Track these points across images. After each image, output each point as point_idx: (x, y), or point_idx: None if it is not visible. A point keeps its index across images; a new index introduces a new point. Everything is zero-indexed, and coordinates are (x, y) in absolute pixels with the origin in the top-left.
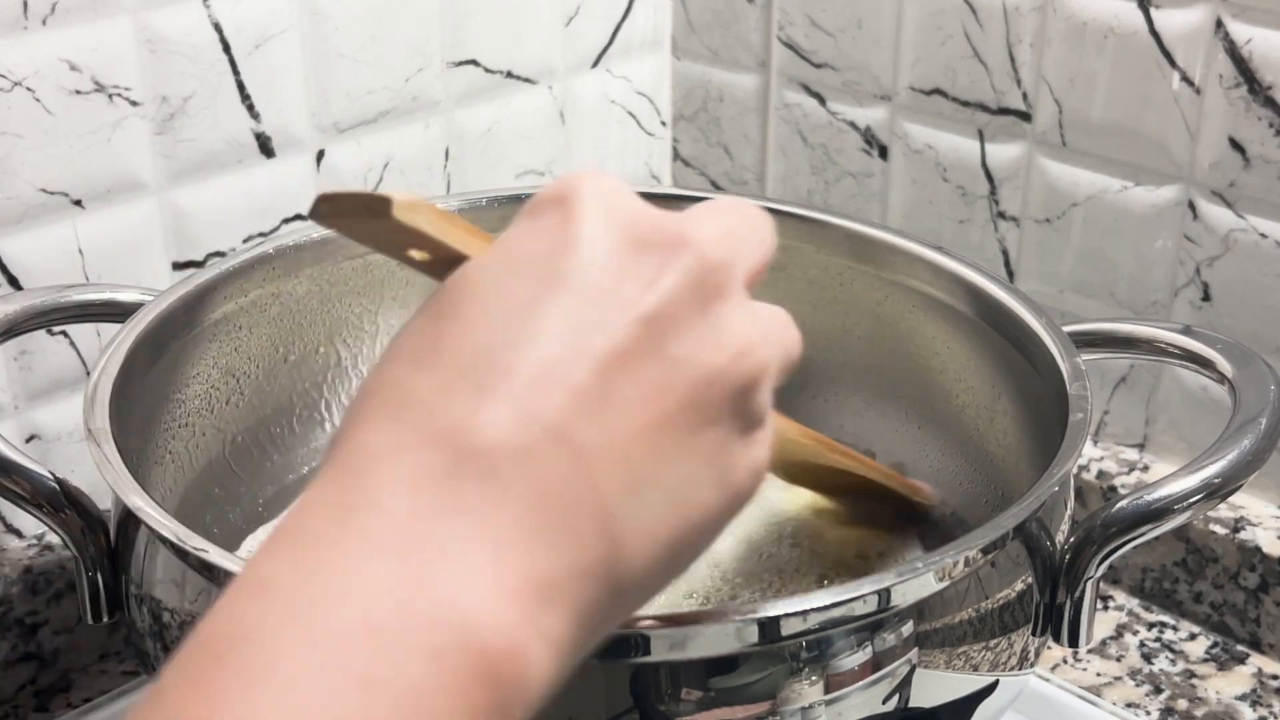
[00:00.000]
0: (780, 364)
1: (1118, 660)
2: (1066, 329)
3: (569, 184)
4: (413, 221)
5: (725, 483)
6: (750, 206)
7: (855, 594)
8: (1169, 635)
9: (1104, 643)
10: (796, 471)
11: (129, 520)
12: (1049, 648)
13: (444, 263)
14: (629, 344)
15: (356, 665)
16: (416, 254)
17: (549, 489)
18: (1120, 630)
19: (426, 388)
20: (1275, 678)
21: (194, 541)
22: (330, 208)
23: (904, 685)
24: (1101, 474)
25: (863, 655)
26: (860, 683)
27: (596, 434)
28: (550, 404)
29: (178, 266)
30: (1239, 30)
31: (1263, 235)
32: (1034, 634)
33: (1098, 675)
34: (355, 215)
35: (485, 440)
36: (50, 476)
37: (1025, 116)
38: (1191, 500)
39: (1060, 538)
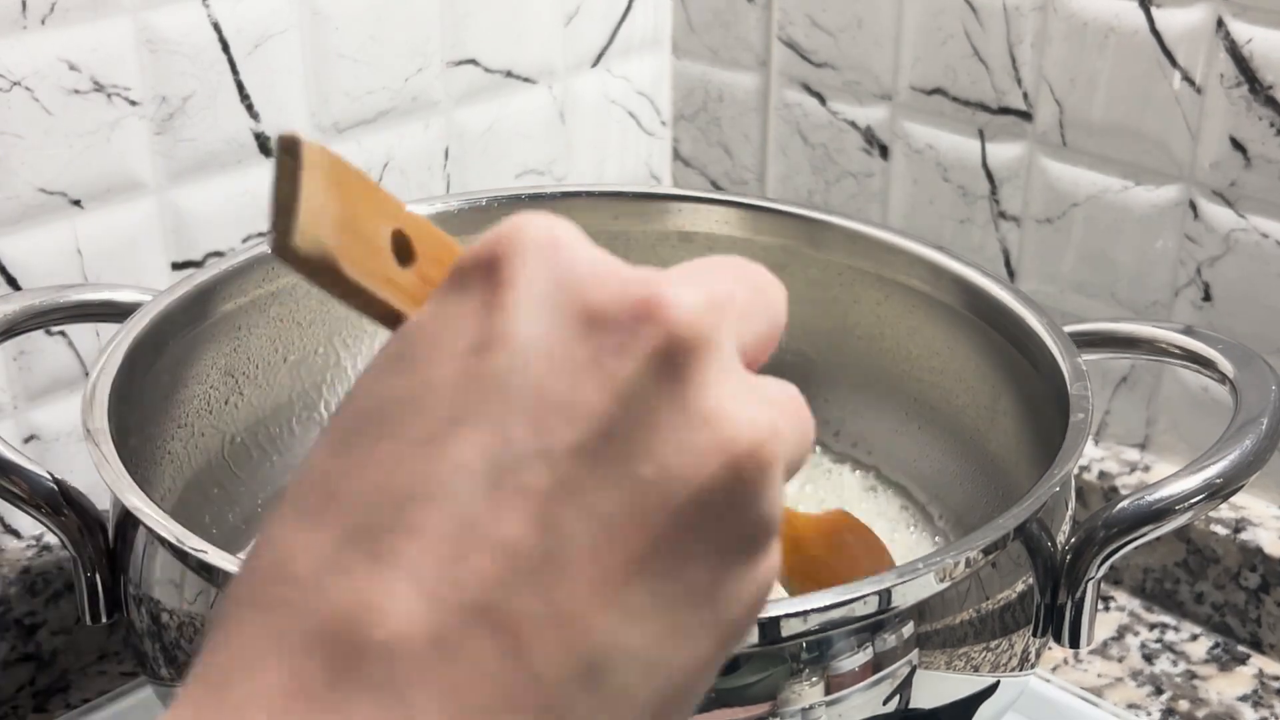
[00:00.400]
0: (793, 457)
1: (1119, 661)
2: (1067, 329)
3: (501, 240)
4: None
5: (719, 624)
6: (755, 267)
7: (856, 595)
8: (1170, 636)
9: (1105, 643)
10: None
11: (127, 521)
12: (1050, 648)
13: (380, 314)
14: (578, 471)
15: None
16: (344, 299)
17: (472, 693)
18: (1121, 631)
19: (310, 558)
20: (1276, 678)
21: (193, 542)
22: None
23: (904, 686)
24: (1103, 474)
25: (863, 656)
26: (861, 684)
27: (536, 603)
28: (471, 572)
29: (177, 266)
30: (1240, 30)
31: (1264, 235)
32: (1035, 635)
33: (1099, 676)
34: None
35: (381, 633)
36: (49, 477)
37: (1026, 116)
38: (1193, 501)
39: (1061, 538)
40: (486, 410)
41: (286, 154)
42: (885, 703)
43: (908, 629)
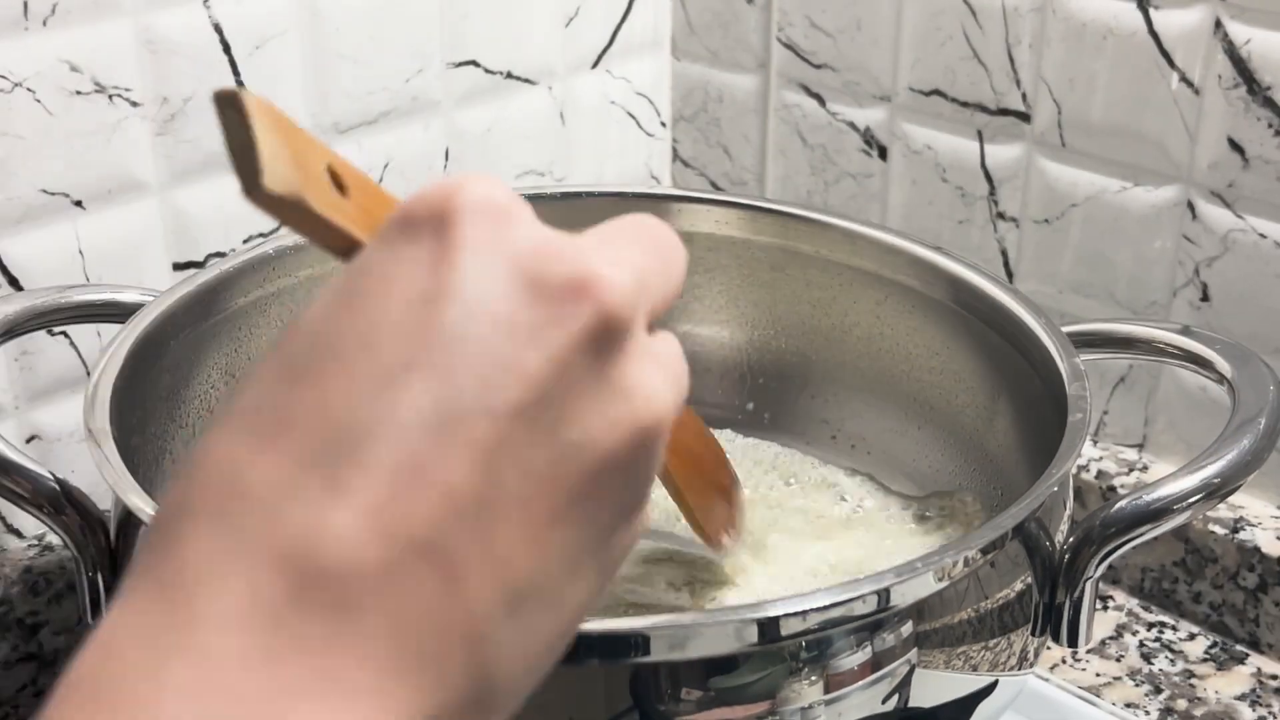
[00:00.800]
0: (677, 408)
1: (1117, 660)
2: (1065, 329)
3: (448, 195)
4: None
5: (607, 567)
6: (662, 228)
7: (855, 594)
8: (1168, 635)
9: (1103, 643)
10: None
11: (129, 520)
12: (1048, 648)
13: (333, 245)
14: (516, 428)
15: None
16: (299, 230)
17: (414, 618)
18: (1119, 630)
19: (266, 480)
20: (1274, 678)
21: None
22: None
23: (903, 685)
24: (1101, 474)
25: (862, 655)
26: (860, 683)
27: (472, 545)
28: (418, 509)
29: (178, 267)
30: (1238, 31)
31: (1262, 235)
32: (1033, 634)
33: (1097, 675)
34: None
35: (336, 558)
36: (50, 477)
37: (1024, 117)
38: (1191, 500)
39: (1059, 538)
40: (436, 359)
41: (230, 108)
42: (884, 701)
43: (907, 628)
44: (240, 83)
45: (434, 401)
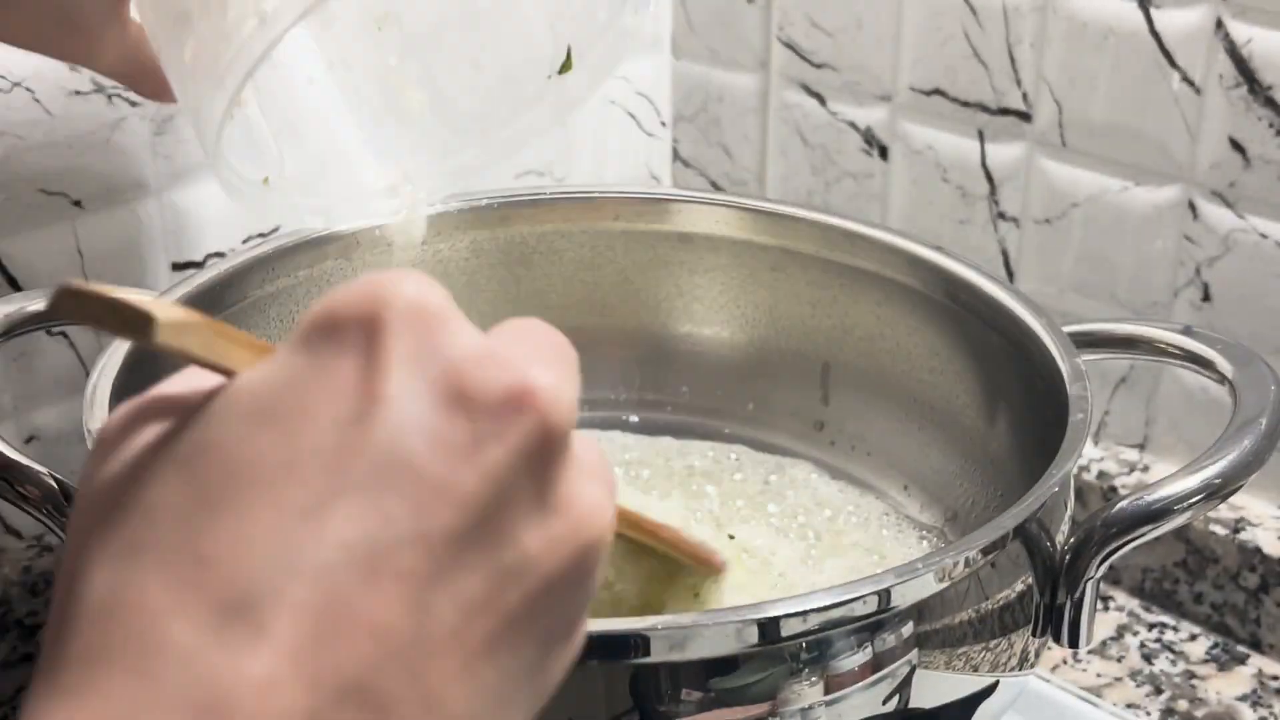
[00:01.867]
0: (607, 545)
1: (1118, 661)
2: (1066, 329)
3: (375, 299)
4: (181, 344)
5: (540, 693)
6: (557, 333)
7: (855, 595)
8: (1169, 636)
9: (1104, 643)
10: None
11: None
12: (1049, 648)
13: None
14: (450, 557)
15: None
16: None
17: None
18: (1120, 631)
19: (184, 628)
20: (1276, 678)
21: None
22: (74, 305)
23: (904, 686)
24: (1102, 474)
25: (863, 656)
26: (860, 683)
27: (404, 685)
28: (346, 651)
29: (177, 267)
30: (1239, 30)
31: (1263, 235)
32: (1034, 635)
33: (1098, 676)
34: (107, 321)
35: (258, 710)
36: (50, 477)
37: (1025, 117)
38: (1192, 501)
39: (1060, 538)
40: (366, 486)
41: (71, 298)
42: (885, 702)
43: (907, 629)
44: None
45: (363, 534)
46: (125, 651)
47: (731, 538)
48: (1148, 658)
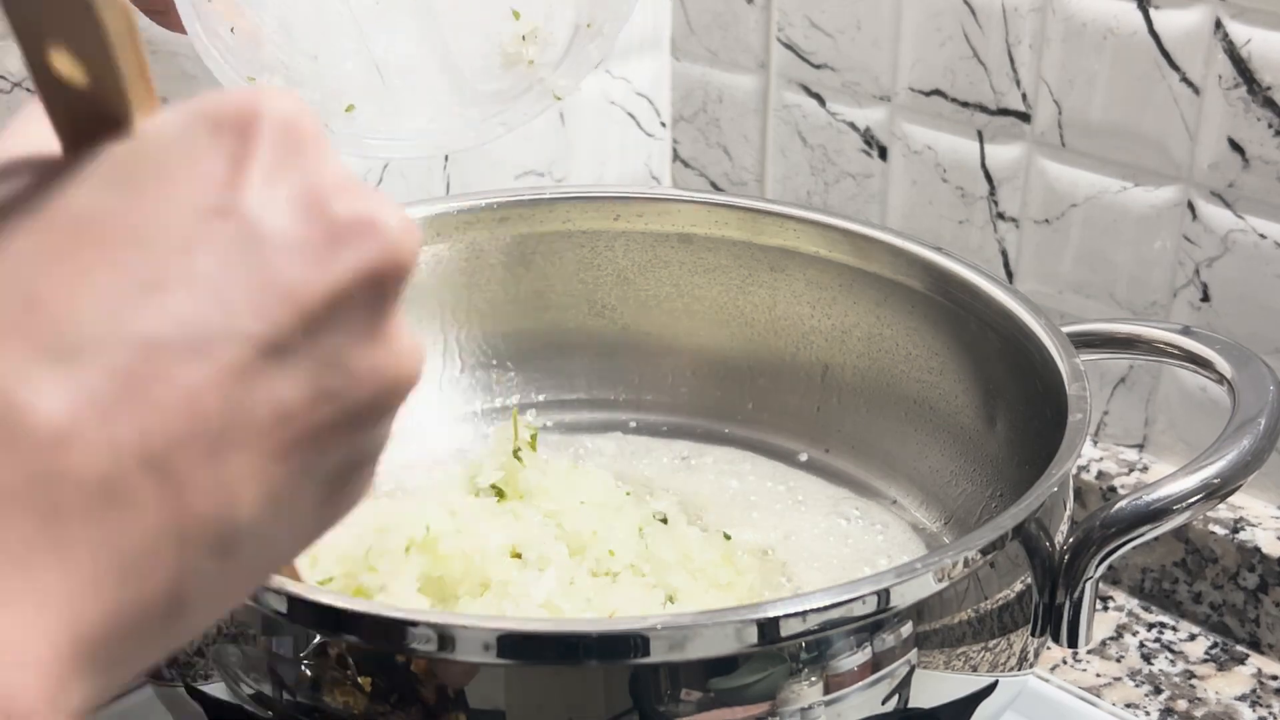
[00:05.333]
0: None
1: (1117, 661)
2: (1066, 329)
3: (256, 105)
4: (107, 18)
5: (324, 520)
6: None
7: (854, 595)
8: (1168, 636)
9: (1103, 643)
10: None
11: None
12: (1048, 648)
13: (91, 102)
14: (276, 360)
15: None
16: (63, 67)
17: (126, 534)
18: (1120, 631)
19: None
20: (1275, 678)
21: None
22: None
23: (903, 686)
24: (1101, 474)
25: (862, 656)
26: (859, 683)
27: (201, 468)
28: (155, 420)
29: None
30: (1238, 31)
31: (1262, 236)
32: (1033, 634)
33: (1097, 676)
34: None
35: (62, 465)
36: None
37: (1024, 117)
38: (1191, 500)
39: (1059, 538)
40: (211, 275)
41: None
42: (884, 702)
43: (906, 629)
44: None
45: (198, 318)
46: None
47: (727, 537)
48: (1147, 657)
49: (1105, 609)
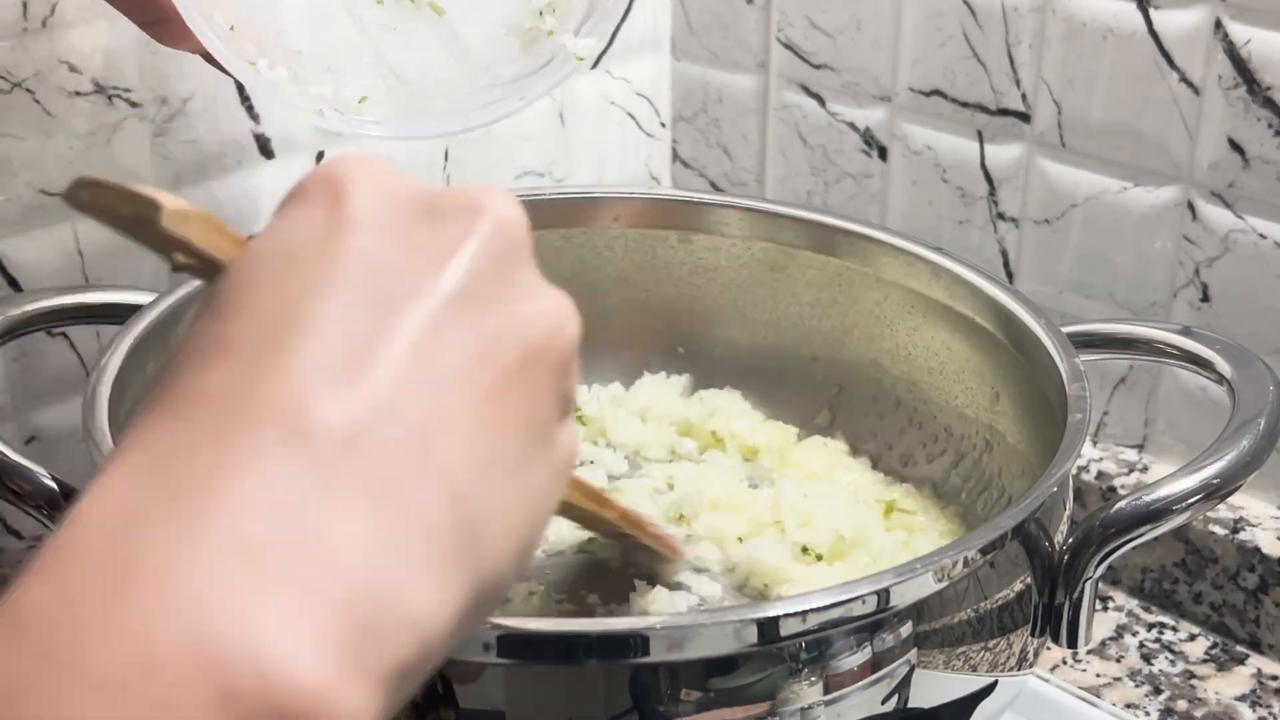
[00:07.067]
0: (577, 342)
1: (1117, 661)
2: (1065, 330)
3: (334, 165)
4: (181, 232)
5: (554, 464)
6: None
7: (854, 594)
8: (1168, 636)
9: (1103, 643)
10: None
11: None
12: (1048, 648)
13: (212, 269)
14: (438, 314)
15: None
16: (181, 258)
17: (391, 474)
18: (1120, 631)
19: (216, 383)
20: (1275, 678)
21: None
22: (91, 196)
23: (903, 686)
24: (1101, 474)
25: (862, 656)
26: (859, 683)
27: (430, 408)
28: (369, 380)
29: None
30: (1238, 31)
31: (1262, 236)
32: (1033, 634)
33: (1097, 676)
34: (118, 211)
35: (310, 423)
36: (50, 478)
37: (1024, 117)
38: (1190, 501)
39: (1059, 538)
40: (345, 273)
41: (88, 189)
42: (884, 702)
43: (906, 629)
44: (240, 84)
45: (350, 303)
46: (167, 407)
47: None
48: (1147, 658)
49: (1105, 609)
